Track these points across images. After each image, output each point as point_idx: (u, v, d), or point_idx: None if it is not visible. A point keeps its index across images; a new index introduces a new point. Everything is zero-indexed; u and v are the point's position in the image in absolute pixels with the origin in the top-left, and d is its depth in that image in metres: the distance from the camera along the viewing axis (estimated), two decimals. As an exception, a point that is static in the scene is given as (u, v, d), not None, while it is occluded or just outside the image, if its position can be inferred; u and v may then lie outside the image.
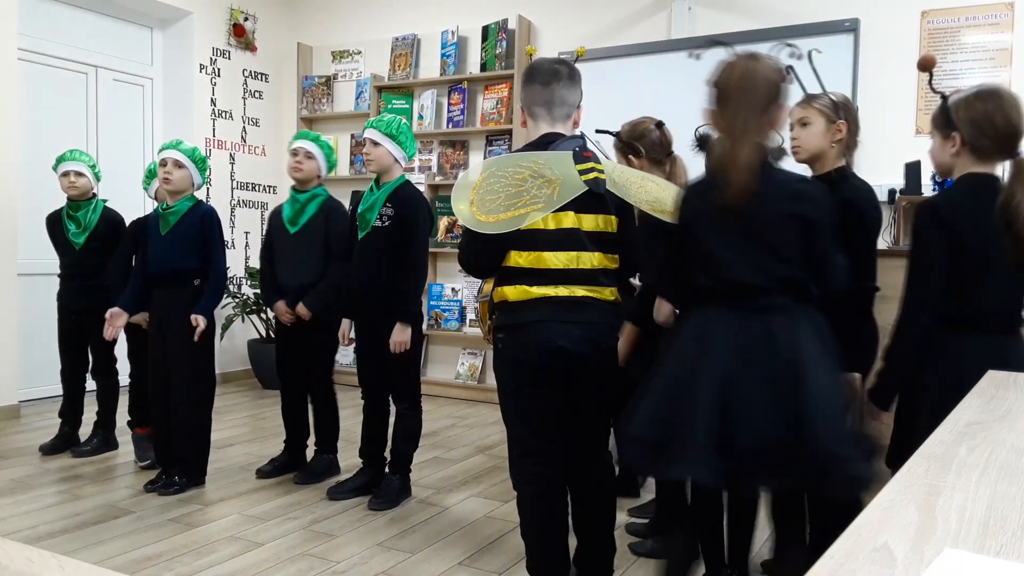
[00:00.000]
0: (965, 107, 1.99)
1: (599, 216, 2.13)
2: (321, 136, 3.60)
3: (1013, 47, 4.17)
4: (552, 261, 2.08)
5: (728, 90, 1.88)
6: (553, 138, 2.17)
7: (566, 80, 2.20)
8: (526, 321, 2.12)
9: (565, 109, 2.21)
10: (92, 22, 5.47)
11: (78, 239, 3.84)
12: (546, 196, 2.02)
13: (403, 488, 3.35)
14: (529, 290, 2.10)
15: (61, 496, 3.32)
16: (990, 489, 0.98)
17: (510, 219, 2.01)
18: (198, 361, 3.40)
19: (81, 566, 0.69)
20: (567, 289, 2.09)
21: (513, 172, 2.06)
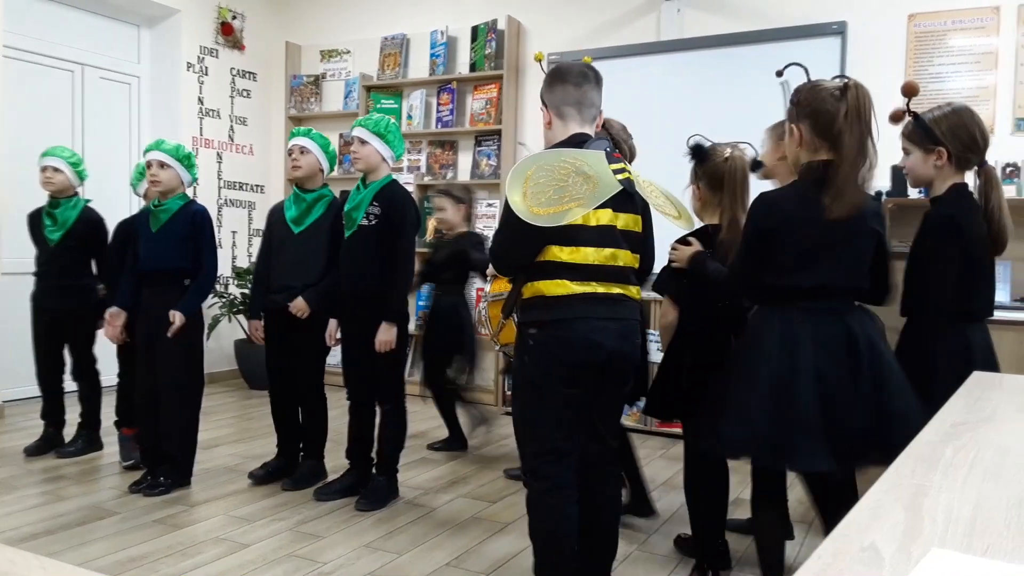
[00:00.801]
0: (947, 122, 2.24)
1: (630, 215, 2.17)
2: (313, 130, 3.55)
3: (999, 50, 4.20)
4: (593, 257, 2.09)
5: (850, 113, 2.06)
6: (584, 138, 2.18)
7: (594, 83, 2.22)
8: (566, 317, 2.09)
9: (593, 111, 2.23)
10: (79, 19, 5.43)
11: (53, 235, 3.80)
12: (587, 193, 2.02)
13: (390, 489, 3.34)
14: (570, 285, 2.08)
15: (45, 497, 3.30)
16: (976, 489, 0.99)
17: (557, 213, 2.00)
18: (186, 361, 3.38)
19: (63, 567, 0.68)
20: (604, 286, 2.10)
21: (558, 167, 2.06)
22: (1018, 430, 1.33)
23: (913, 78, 4.34)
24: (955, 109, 2.27)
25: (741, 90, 4.63)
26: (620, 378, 2.22)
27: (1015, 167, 4.01)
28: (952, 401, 1.55)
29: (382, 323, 3.13)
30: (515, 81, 5.50)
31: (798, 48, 4.51)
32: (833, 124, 2.07)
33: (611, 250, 2.11)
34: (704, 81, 4.75)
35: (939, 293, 2.20)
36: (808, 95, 2.19)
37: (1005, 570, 0.73)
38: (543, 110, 2.26)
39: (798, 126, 2.16)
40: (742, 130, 2.85)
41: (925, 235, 2.26)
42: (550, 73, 2.25)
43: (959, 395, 1.62)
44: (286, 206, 3.51)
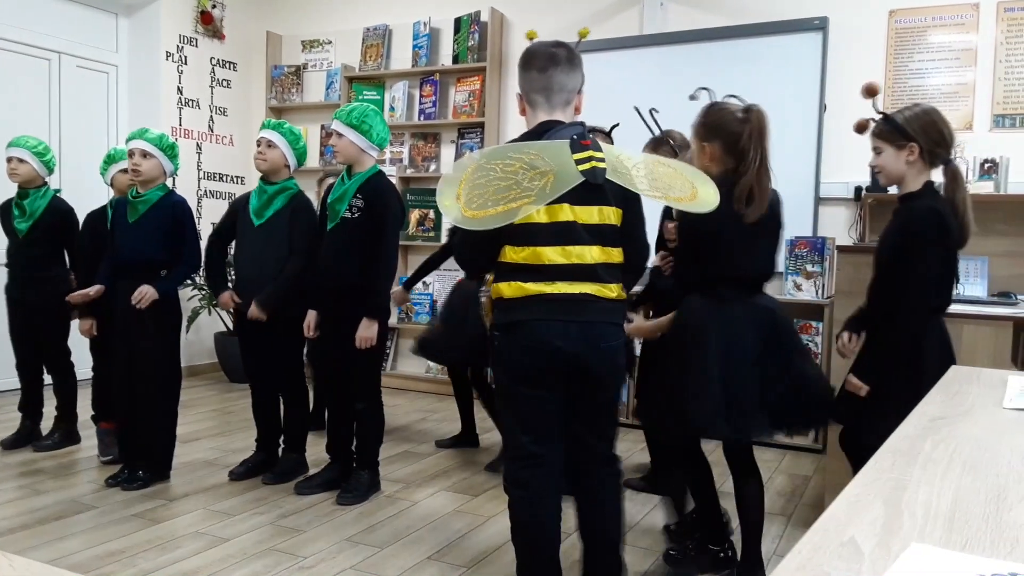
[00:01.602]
0: (918, 120, 2.33)
1: (598, 208, 2.01)
2: (286, 123, 3.51)
3: (978, 47, 4.23)
4: (548, 256, 1.98)
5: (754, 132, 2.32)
6: (550, 126, 2.07)
7: (564, 64, 2.07)
8: (521, 319, 2.02)
9: (564, 95, 2.09)
10: (56, 7, 5.34)
11: (21, 226, 3.75)
12: (539, 188, 1.91)
13: (372, 483, 3.32)
14: (524, 286, 2.00)
15: (21, 491, 3.26)
16: (955, 483, 0.99)
17: (500, 214, 1.89)
18: (164, 354, 3.35)
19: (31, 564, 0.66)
20: (566, 285, 1.99)
21: (504, 164, 1.95)
22: (996, 424, 1.34)
23: (893, 74, 4.38)
24: (924, 108, 2.38)
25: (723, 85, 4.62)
26: (596, 382, 2.08)
27: (993, 163, 4.04)
28: (930, 395, 1.57)
29: (363, 319, 3.09)
30: (498, 73, 5.48)
31: (779, 43, 4.53)
32: (739, 142, 2.32)
33: (569, 247, 1.98)
34: (686, 75, 4.73)
35: (926, 288, 2.27)
36: (716, 117, 2.40)
37: (984, 564, 0.73)
38: (518, 97, 2.18)
39: (709, 144, 2.39)
40: (724, 124, 2.85)
41: (908, 231, 2.29)
42: (520, 57, 2.14)
43: (937, 389, 1.64)
44: (251, 197, 3.46)
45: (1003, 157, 4.02)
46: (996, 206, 3.98)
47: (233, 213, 3.52)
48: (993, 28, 4.20)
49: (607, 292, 2.03)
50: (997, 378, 1.78)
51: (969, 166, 4.04)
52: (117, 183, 3.68)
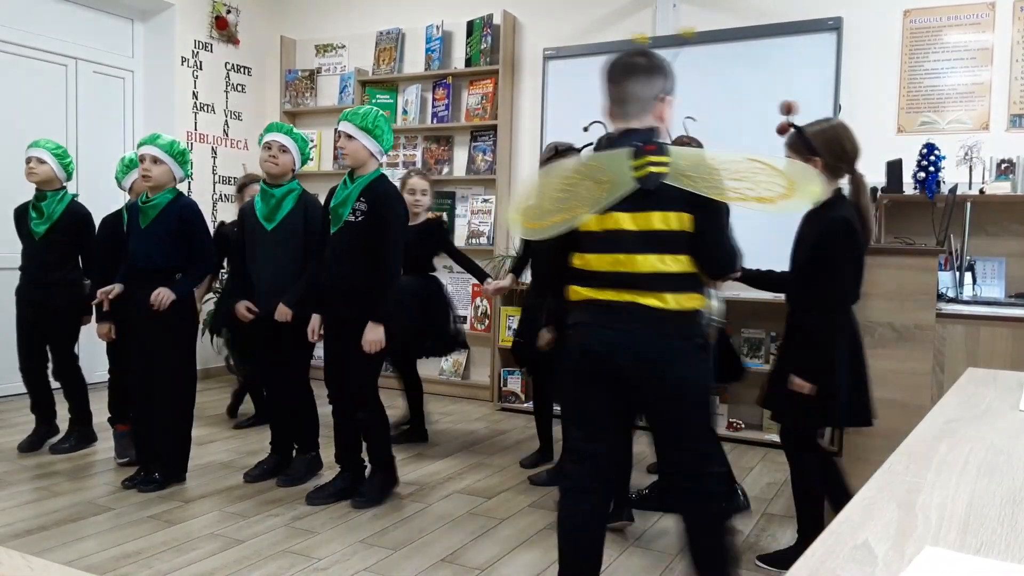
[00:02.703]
0: (822, 135, 2.49)
1: (655, 214, 1.96)
2: (294, 128, 3.51)
3: (994, 47, 4.20)
4: (595, 263, 2.03)
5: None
6: (622, 136, 2.06)
7: (642, 74, 2.06)
8: (576, 322, 2.10)
9: (639, 104, 2.06)
10: (72, 13, 5.40)
11: (39, 228, 3.77)
12: (594, 197, 1.96)
13: (386, 482, 3.29)
14: (579, 291, 2.08)
15: (39, 493, 3.29)
16: (970, 486, 0.98)
17: (556, 223, 1.97)
18: (180, 357, 3.37)
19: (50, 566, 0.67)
20: (612, 292, 2.00)
21: (565, 178, 2.04)
22: (1012, 427, 1.33)
23: (908, 74, 4.35)
24: (831, 124, 2.56)
25: (736, 86, 4.62)
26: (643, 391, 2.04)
27: (1010, 163, 4.01)
28: (946, 398, 1.56)
29: (368, 323, 3.06)
30: (511, 76, 5.49)
31: (793, 44, 4.51)
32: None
33: (616, 255, 1.99)
34: (699, 77, 4.74)
35: (844, 287, 2.48)
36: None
37: (999, 568, 0.73)
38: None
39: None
40: (737, 125, 2.85)
41: (824, 241, 2.48)
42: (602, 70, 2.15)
43: (953, 392, 1.63)
44: (256, 202, 3.45)
45: (1020, 157, 3.99)
46: (1013, 207, 3.95)
47: (242, 224, 3.52)
48: (1009, 27, 4.17)
49: (657, 302, 1.97)
50: (1014, 380, 1.77)
51: (986, 166, 4.02)
52: (137, 188, 3.71)
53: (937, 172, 3.75)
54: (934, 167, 3.74)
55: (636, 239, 1.98)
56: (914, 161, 3.81)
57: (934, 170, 3.74)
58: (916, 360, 3.03)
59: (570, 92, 5.14)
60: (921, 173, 3.75)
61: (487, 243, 5.50)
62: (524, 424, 4.61)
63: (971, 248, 3.88)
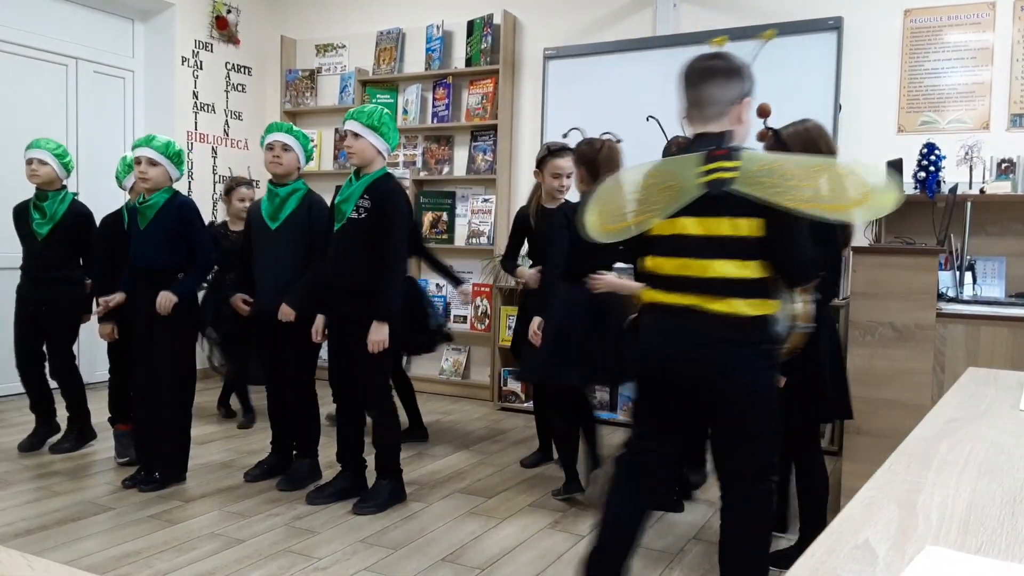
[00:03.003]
0: (798, 137, 2.55)
1: (724, 219, 1.95)
2: (294, 127, 3.49)
3: (994, 46, 4.20)
4: (662, 267, 2.05)
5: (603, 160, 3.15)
6: (695, 140, 2.08)
7: (721, 77, 2.05)
8: (640, 324, 2.17)
9: (717, 108, 2.05)
10: (72, 13, 5.40)
11: (41, 229, 3.77)
12: (664, 202, 1.99)
13: (393, 493, 3.23)
14: (648, 293, 2.12)
15: (39, 493, 3.29)
16: (971, 486, 0.98)
17: (626, 227, 2.05)
18: (180, 356, 3.37)
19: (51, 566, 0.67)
20: (680, 296, 2.01)
21: (638, 182, 2.08)
22: (1013, 427, 1.33)
23: (908, 74, 4.35)
24: (806, 126, 2.62)
25: (737, 85, 4.61)
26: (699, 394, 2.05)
27: (1011, 163, 4.01)
28: (946, 398, 1.56)
29: (373, 322, 3.04)
30: (511, 76, 5.49)
31: (794, 43, 4.50)
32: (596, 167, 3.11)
33: (681, 259, 2.00)
34: (700, 76, 4.74)
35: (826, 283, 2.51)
36: (583, 148, 3.26)
37: (999, 568, 0.73)
38: None
39: (580, 169, 3.26)
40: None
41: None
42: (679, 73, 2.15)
43: (953, 391, 1.63)
44: (262, 202, 3.43)
45: (1020, 157, 3.99)
46: (1013, 206, 3.95)
47: (249, 225, 3.51)
48: (1010, 27, 4.17)
49: (724, 307, 1.96)
50: (1014, 380, 1.77)
51: (986, 166, 4.01)
52: (138, 188, 3.71)
53: (937, 172, 3.74)
54: (934, 167, 3.74)
55: (703, 244, 1.97)
56: (914, 161, 3.80)
57: (934, 170, 3.74)
58: (916, 360, 3.03)
59: (570, 92, 5.14)
60: (921, 173, 3.75)
61: (487, 243, 5.50)
62: (524, 424, 4.61)
63: (971, 248, 3.88)
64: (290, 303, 3.29)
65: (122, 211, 3.68)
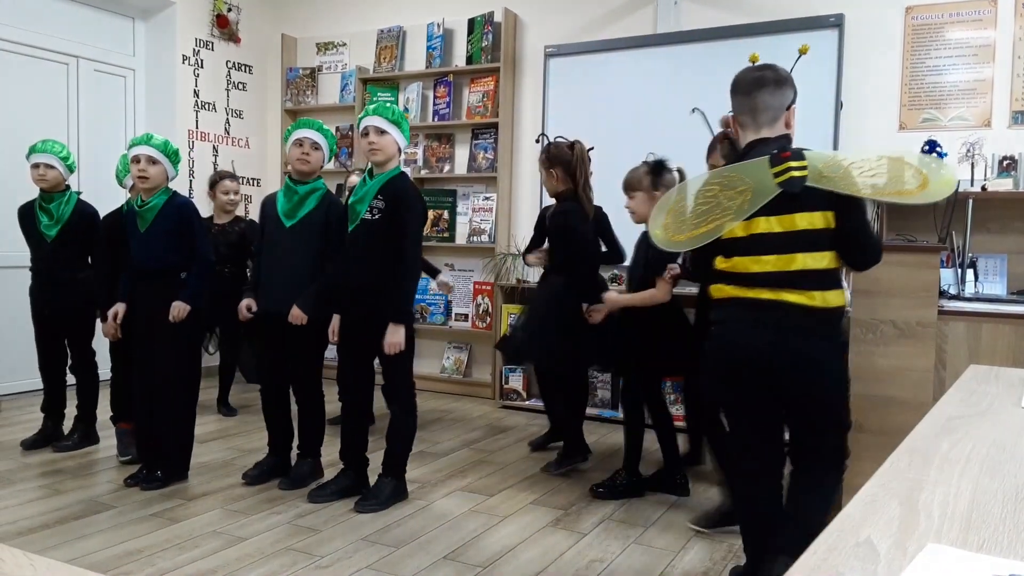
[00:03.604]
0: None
1: (799, 215, 2.10)
2: (324, 125, 3.44)
3: (996, 43, 4.19)
4: (745, 265, 2.16)
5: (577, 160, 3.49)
6: (755, 145, 2.21)
7: (771, 86, 2.22)
8: (721, 319, 2.25)
9: (771, 114, 2.22)
10: (73, 11, 5.40)
11: (50, 232, 3.78)
12: (736, 206, 2.11)
13: (396, 491, 3.23)
14: (724, 289, 2.22)
15: (41, 491, 3.29)
16: (972, 484, 0.98)
17: (701, 234, 2.15)
18: (184, 356, 3.37)
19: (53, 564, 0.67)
20: (763, 291, 2.13)
21: (704, 191, 2.20)
22: (1014, 424, 1.33)
23: (910, 71, 4.34)
24: None
25: (738, 83, 4.61)
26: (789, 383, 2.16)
27: (1012, 160, 4.00)
28: (948, 395, 1.55)
29: (389, 324, 3.01)
30: (512, 74, 5.49)
31: (795, 41, 4.48)
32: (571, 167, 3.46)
33: (764, 257, 2.12)
34: (701, 74, 4.73)
35: None
36: (556, 151, 3.52)
37: (1001, 565, 0.73)
38: (732, 120, 2.38)
39: (554, 170, 3.51)
40: (739, 123, 2.85)
41: None
42: (731, 84, 2.32)
43: (955, 389, 1.62)
44: (278, 197, 3.39)
45: (1022, 154, 3.98)
46: (1015, 203, 3.94)
47: (263, 218, 3.45)
48: (1012, 24, 4.16)
49: (806, 299, 2.10)
50: (1016, 377, 1.77)
51: (988, 163, 4.01)
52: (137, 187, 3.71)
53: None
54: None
55: (783, 240, 2.11)
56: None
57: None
58: (918, 357, 3.03)
59: (571, 90, 5.13)
60: (923, 170, 3.73)
61: (488, 241, 5.50)
62: (526, 422, 4.61)
63: (973, 245, 3.88)
64: (303, 307, 3.22)
65: (121, 210, 3.68)
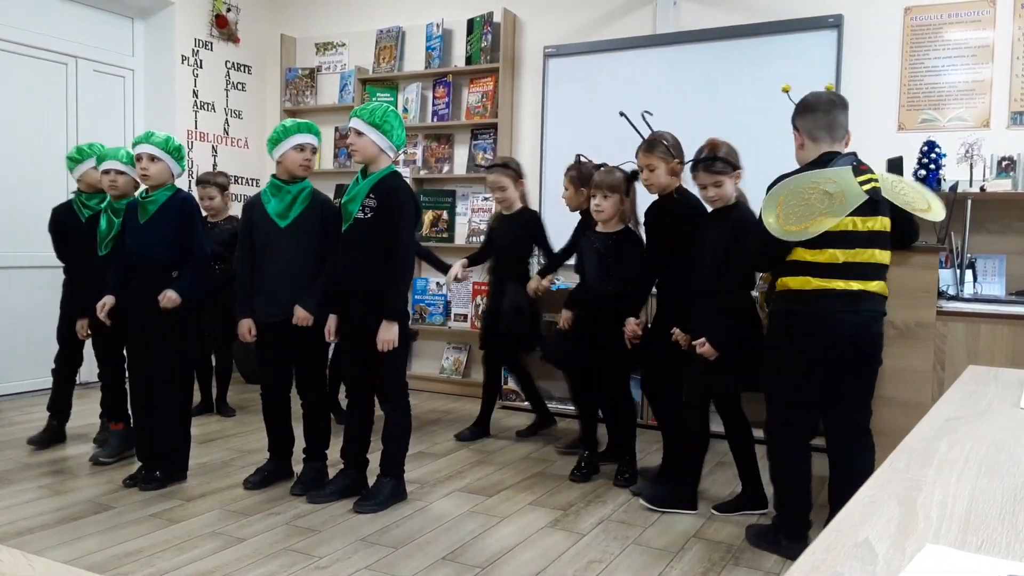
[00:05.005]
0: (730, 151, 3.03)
1: (875, 218, 2.55)
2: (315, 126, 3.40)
3: (995, 43, 4.19)
4: (836, 256, 2.52)
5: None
6: (832, 156, 2.63)
7: (841, 108, 2.69)
8: (804, 310, 2.58)
9: (841, 131, 2.68)
10: (72, 11, 5.39)
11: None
12: (832, 207, 2.47)
13: (395, 492, 3.22)
14: (810, 280, 2.55)
15: (40, 491, 3.29)
16: (971, 484, 0.98)
17: (811, 227, 2.47)
18: (180, 354, 3.36)
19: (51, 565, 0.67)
20: (843, 283, 2.52)
21: (806, 189, 2.54)
22: (1013, 425, 1.33)
23: (908, 72, 4.35)
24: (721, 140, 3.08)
25: (737, 84, 4.62)
26: (864, 361, 2.66)
27: (1011, 161, 4.01)
28: (946, 396, 1.56)
29: (383, 321, 3.03)
30: (511, 74, 5.49)
31: (794, 41, 4.51)
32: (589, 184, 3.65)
33: (851, 250, 2.52)
34: (700, 75, 4.74)
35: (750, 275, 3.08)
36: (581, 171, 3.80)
37: (1000, 566, 0.73)
38: (795, 134, 2.75)
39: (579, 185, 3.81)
40: (738, 123, 2.86)
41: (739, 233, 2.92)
42: (800, 103, 2.73)
43: (953, 389, 1.62)
44: (264, 199, 3.31)
45: (1021, 154, 3.98)
46: (1013, 204, 3.95)
47: (249, 222, 3.35)
48: (1010, 24, 4.16)
49: (878, 288, 2.58)
50: (1015, 378, 1.77)
51: (987, 164, 4.01)
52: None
53: (938, 170, 3.74)
54: (935, 165, 3.73)
55: (865, 237, 2.54)
56: (915, 159, 3.80)
57: (935, 168, 3.73)
58: (917, 358, 3.03)
59: (571, 90, 5.14)
60: (922, 171, 3.75)
61: (488, 241, 5.49)
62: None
63: (972, 246, 3.88)
64: (307, 307, 3.20)
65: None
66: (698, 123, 4.35)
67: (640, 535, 2.95)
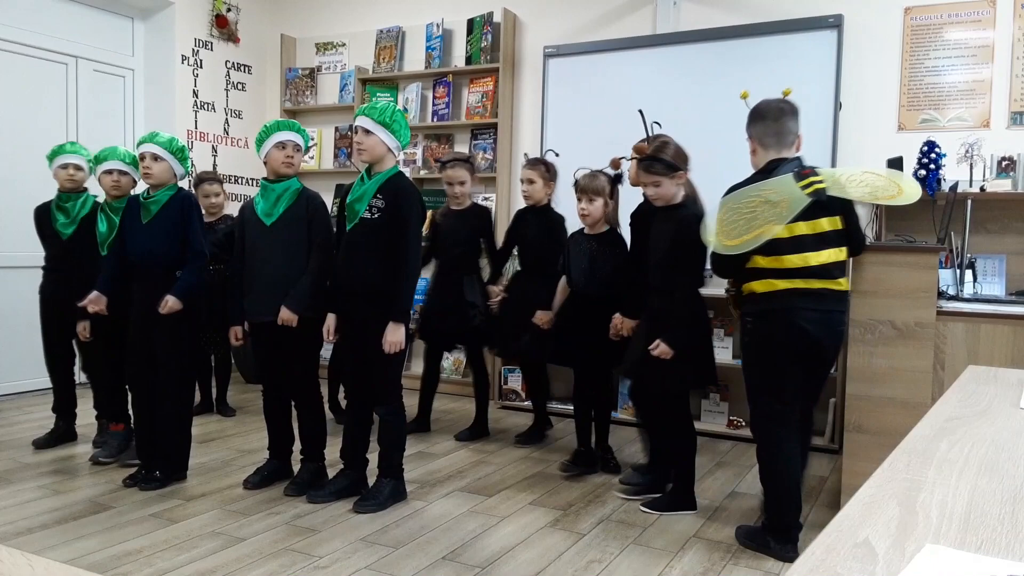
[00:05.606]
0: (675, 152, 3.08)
1: (823, 219, 2.64)
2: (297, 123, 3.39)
3: (995, 43, 4.19)
4: (791, 262, 2.63)
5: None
6: (777, 164, 2.71)
7: (790, 115, 2.75)
8: (772, 308, 2.69)
9: (791, 137, 2.76)
10: (72, 11, 5.39)
11: (67, 230, 3.78)
12: (777, 214, 2.54)
13: (394, 492, 3.22)
14: (774, 283, 2.67)
15: (40, 491, 3.29)
16: (971, 484, 0.98)
17: (752, 239, 2.55)
18: (181, 354, 3.36)
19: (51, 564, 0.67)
20: (804, 282, 2.64)
21: (746, 204, 2.61)
22: (1013, 425, 1.33)
23: (908, 72, 4.35)
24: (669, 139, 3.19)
25: (737, 84, 4.60)
26: (829, 357, 2.82)
27: (1011, 161, 4.01)
28: (946, 396, 1.56)
29: (389, 323, 3.01)
30: (511, 74, 5.49)
31: (794, 41, 4.50)
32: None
33: (805, 254, 2.63)
34: (700, 75, 4.74)
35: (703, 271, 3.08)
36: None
37: (999, 566, 0.73)
38: (749, 141, 2.82)
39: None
40: (738, 123, 2.85)
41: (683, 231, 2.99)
42: (752, 111, 2.81)
43: (953, 390, 1.62)
44: (256, 200, 3.30)
45: (1021, 155, 3.98)
46: (1013, 204, 3.95)
47: (243, 224, 3.35)
48: (1010, 24, 4.16)
49: (836, 285, 2.69)
50: (1014, 378, 1.77)
51: (986, 164, 4.01)
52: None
53: (938, 170, 3.74)
54: (935, 165, 3.73)
55: (815, 240, 2.63)
56: (915, 159, 3.80)
57: (935, 168, 3.73)
58: (917, 358, 3.03)
59: (571, 90, 5.13)
60: (922, 171, 3.74)
61: (487, 241, 5.49)
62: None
63: (972, 246, 3.88)
64: (292, 307, 3.17)
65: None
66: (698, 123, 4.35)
67: (640, 535, 2.95)
